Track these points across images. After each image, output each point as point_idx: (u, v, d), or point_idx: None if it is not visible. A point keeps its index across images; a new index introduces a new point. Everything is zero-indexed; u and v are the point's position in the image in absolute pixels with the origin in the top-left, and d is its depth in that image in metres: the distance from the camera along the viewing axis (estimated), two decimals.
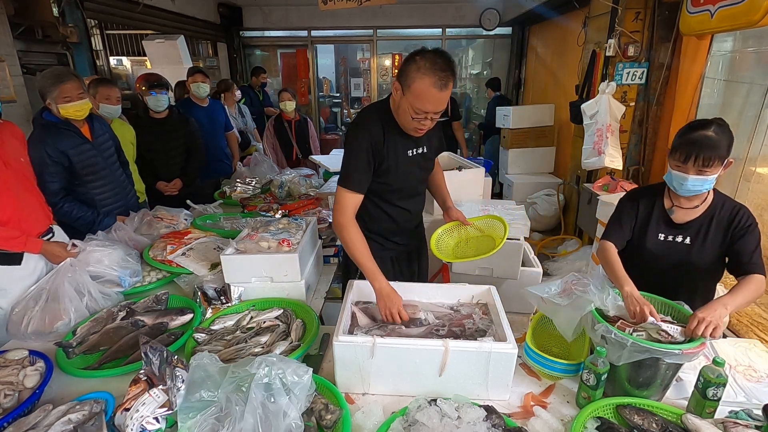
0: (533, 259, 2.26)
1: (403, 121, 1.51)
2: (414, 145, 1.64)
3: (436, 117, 1.47)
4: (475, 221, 1.92)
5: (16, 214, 1.69)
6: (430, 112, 1.42)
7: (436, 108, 1.42)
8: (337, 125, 8.71)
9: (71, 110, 2.04)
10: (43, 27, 3.69)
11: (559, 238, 4.56)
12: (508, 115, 5.27)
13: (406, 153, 1.63)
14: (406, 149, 1.62)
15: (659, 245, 1.55)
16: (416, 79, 1.37)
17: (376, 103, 1.66)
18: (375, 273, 1.45)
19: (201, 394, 1.04)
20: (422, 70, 1.36)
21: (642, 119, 3.74)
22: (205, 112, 3.54)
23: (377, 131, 1.55)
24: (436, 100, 1.39)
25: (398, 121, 1.54)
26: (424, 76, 1.35)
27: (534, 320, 1.48)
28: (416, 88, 1.37)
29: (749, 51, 2.79)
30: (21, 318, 1.54)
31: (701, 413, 1.12)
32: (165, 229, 2.28)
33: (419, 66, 1.36)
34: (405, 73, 1.40)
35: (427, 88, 1.36)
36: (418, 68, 1.37)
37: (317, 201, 2.81)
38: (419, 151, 1.67)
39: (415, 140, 1.63)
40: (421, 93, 1.37)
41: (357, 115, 1.67)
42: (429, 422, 1.07)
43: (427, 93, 1.37)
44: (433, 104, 1.40)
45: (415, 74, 1.37)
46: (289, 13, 7.09)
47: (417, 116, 1.43)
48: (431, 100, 1.38)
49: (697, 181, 1.39)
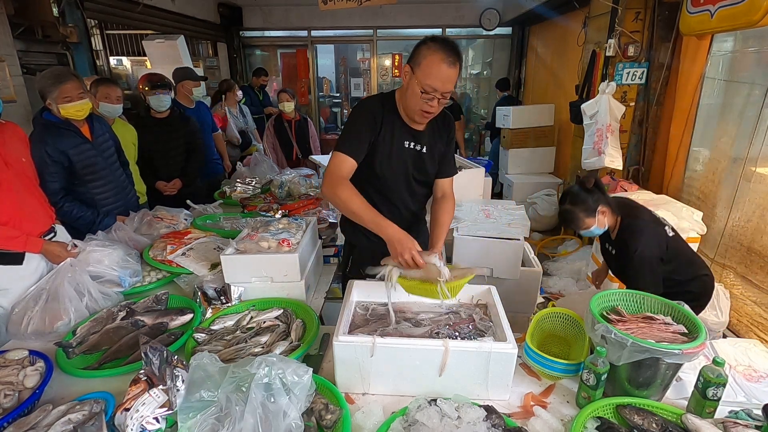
0: (533, 259, 2.26)
1: (412, 104, 1.52)
2: (411, 138, 1.63)
3: (443, 100, 1.49)
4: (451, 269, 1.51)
5: (17, 214, 1.69)
6: (439, 90, 1.45)
7: (444, 86, 1.44)
8: (337, 125, 8.70)
9: (71, 110, 2.04)
10: (43, 27, 3.69)
11: (559, 238, 4.56)
12: (508, 115, 5.27)
13: (402, 142, 1.63)
14: (402, 139, 1.62)
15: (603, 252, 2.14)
16: (427, 56, 1.43)
17: (379, 93, 1.70)
18: (379, 221, 1.42)
19: (201, 394, 1.04)
20: (432, 48, 1.43)
21: (642, 119, 3.74)
22: (192, 113, 3.54)
23: (377, 108, 1.59)
24: (445, 77, 1.43)
25: (405, 106, 1.57)
26: (435, 52, 1.42)
27: (534, 320, 1.48)
28: (426, 64, 1.43)
29: (749, 51, 2.79)
30: (21, 318, 1.54)
31: (701, 413, 1.12)
32: (165, 229, 2.28)
33: (429, 45, 1.44)
34: (415, 54, 1.47)
35: (438, 63, 1.41)
36: (428, 47, 1.44)
37: (317, 201, 2.81)
38: (416, 147, 1.64)
39: (414, 134, 1.62)
40: (430, 68, 1.42)
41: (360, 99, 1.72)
42: (429, 422, 1.07)
43: (438, 68, 1.42)
44: (441, 81, 1.43)
45: (426, 52, 1.44)
46: (289, 13, 7.09)
47: (425, 95, 1.46)
48: (440, 77, 1.43)
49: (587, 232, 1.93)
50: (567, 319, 1.51)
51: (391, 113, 1.60)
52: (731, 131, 2.86)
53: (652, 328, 1.24)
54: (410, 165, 1.68)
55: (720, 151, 2.98)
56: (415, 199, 1.79)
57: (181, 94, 3.51)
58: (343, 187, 1.48)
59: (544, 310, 1.54)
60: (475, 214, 2.40)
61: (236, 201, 3.01)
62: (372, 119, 1.58)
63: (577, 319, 1.48)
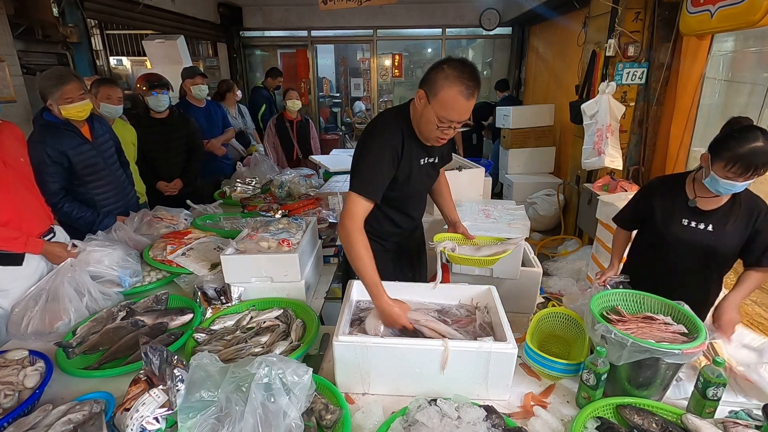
0: (533, 259, 2.26)
1: (426, 131, 1.47)
2: (426, 155, 1.63)
3: (459, 126, 1.44)
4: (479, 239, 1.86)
5: (17, 215, 1.69)
6: (455, 121, 1.40)
7: (461, 117, 1.39)
8: (337, 125, 8.71)
9: (73, 111, 2.04)
10: (43, 27, 3.68)
11: (559, 238, 4.56)
12: (508, 115, 5.27)
13: (419, 162, 1.61)
14: (419, 158, 1.60)
15: (684, 231, 1.64)
16: (444, 87, 1.34)
17: (394, 108, 1.62)
18: (378, 289, 1.37)
19: (201, 394, 1.03)
20: (450, 79, 1.33)
21: (642, 119, 3.74)
22: (202, 113, 3.54)
23: (398, 140, 1.51)
24: (463, 109, 1.37)
25: (419, 130, 1.51)
26: (452, 84, 1.33)
27: (534, 320, 1.48)
28: (443, 96, 1.35)
29: (750, 51, 2.79)
30: (21, 318, 1.54)
31: (701, 413, 1.12)
32: (165, 229, 2.28)
33: (447, 74, 1.34)
34: (431, 81, 1.38)
35: (455, 96, 1.34)
36: (446, 76, 1.34)
37: (317, 201, 2.81)
38: (430, 160, 1.66)
39: (428, 150, 1.61)
40: (447, 101, 1.35)
41: (377, 118, 1.61)
42: (429, 422, 1.07)
43: (454, 102, 1.35)
44: (459, 113, 1.38)
45: (443, 82, 1.34)
46: (289, 13, 7.09)
47: (442, 125, 1.41)
48: (458, 109, 1.36)
49: (744, 185, 1.47)
50: (567, 319, 1.51)
51: (409, 137, 1.54)
52: None
53: (652, 328, 1.24)
54: (426, 179, 1.71)
55: None
56: (425, 202, 1.86)
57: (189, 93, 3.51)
58: (356, 236, 1.43)
59: (544, 310, 1.54)
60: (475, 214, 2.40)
61: (236, 201, 3.01)
62: (394, 156, 1.50)
63: (577, 319, 1.48)
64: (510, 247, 1.56)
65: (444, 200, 1.90)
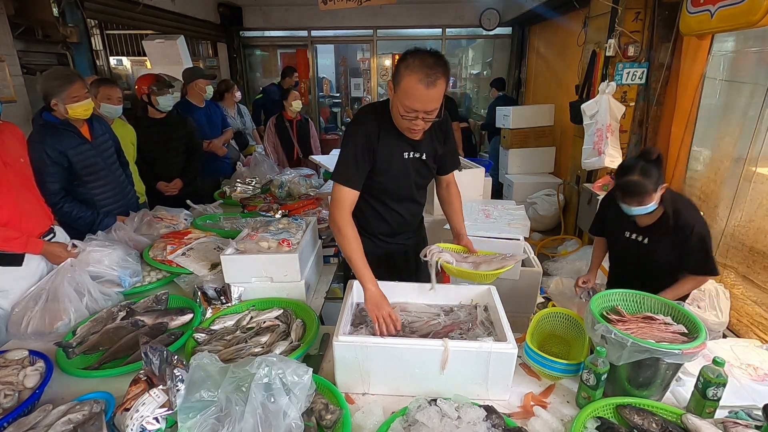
0: (533, 259, 2.26)
1: (396, 121, 1.51)
2: (410, 148, 1.62)
3: (429, 117, 1.44)
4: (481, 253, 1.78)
5: (17, 215, 1.69)
6: (419, 110, 1.40)
7: (425, 106, 1.39)
8: (337, 125, 8.70)
9: (79, 110, 2.05)
10: (43, 27, 3.68)
11: (559, 238, 4.56)
12: (508, 115, 5.27)
13: (401, 155, 1.61)
14: (401, 151, 1.61)
15: (626, 242, 1.88)
16: (405, 76, 1.36)
17: (375, 102, 1.65)
18: (366, 276, 1.44)
19: (201, 394, 1.03)
20: (410, 68, 1.35)
21: (642, 119, 3.74)
22: (202, 113, 3.55)
23: (372, 128, 1.55)
24: (424, 98, 1.37)
25: (394, 121, 1.54)
26: (411, 73, 1.34)
27: (534, 320, 1.48)
28: (404, 85, 1.37)
29: (750, 51, 2.79)
30: (21, 318, 1.54)
31: (701, 413, 1.12)
32: (165, 229, 2.28)
33: (408, 63, 1.36)
34: (396, 71, 1.41)
35: (414, 85, 1.34)
36: (407, 65, 1.36)
37: (317, 201, 2.81)
38: (416, 155, 1.65)
39: (412, 144, 1.61)
40: (408, 90, 1.36)
41: (355, 113, 1.67)
42: (429, 422, 1.07)
43: (414, 90, 1.35)
44: (420, 102, 1.38)
45: (404, 71, 1.36)
46: (289, 13, 7.08)
47: (407, 115, 1.42)
48: (418, 98, 1.37)
49: (640, 209, 1.66)
50: (567, 319, 1.51)
51: (387, 128, 1.56)
52: (732, 131, 2.85)
53: (652, 328, 1.24)
54: (413, 174, 1.69)
55: (721, 151, 2.98)
56: (417, 203, 1.82)
57: (193, 93, 3.51)
58: (345, 228, 1.53)
59: (544, 310, 1.54)
60: (475, 214, 2.40)
61: (236, 201, 3.01)
62: (367, 143, 1.54)
63: (577, 319, 1.48)
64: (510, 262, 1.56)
65: (453, 211, 1.84)
